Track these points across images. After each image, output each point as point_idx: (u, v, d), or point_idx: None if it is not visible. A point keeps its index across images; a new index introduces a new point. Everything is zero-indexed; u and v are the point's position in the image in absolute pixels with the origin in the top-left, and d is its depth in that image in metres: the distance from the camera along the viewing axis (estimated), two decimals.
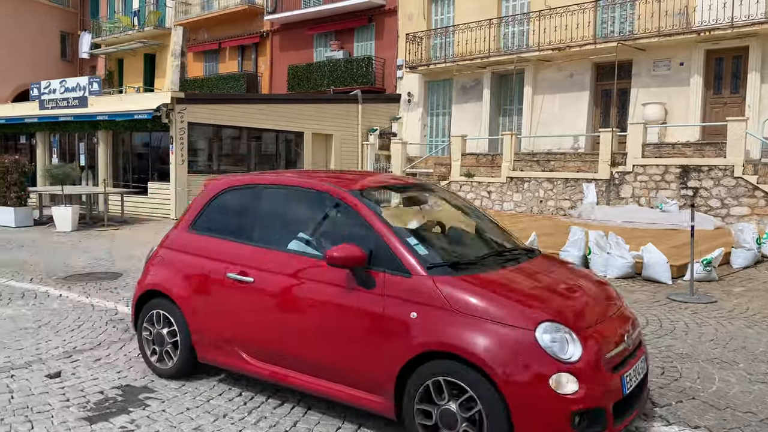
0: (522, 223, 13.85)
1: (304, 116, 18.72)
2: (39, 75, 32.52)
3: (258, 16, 25.90)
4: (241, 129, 17.40)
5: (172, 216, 15.87)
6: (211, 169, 16.75)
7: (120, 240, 11.95)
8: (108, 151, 17.44)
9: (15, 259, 9.60)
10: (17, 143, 20.67)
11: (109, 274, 8.47)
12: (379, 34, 22.12)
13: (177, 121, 15.56)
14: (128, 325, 5.95)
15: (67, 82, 17.84)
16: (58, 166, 12.96)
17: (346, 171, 9.58)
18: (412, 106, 21.22)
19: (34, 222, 14.18)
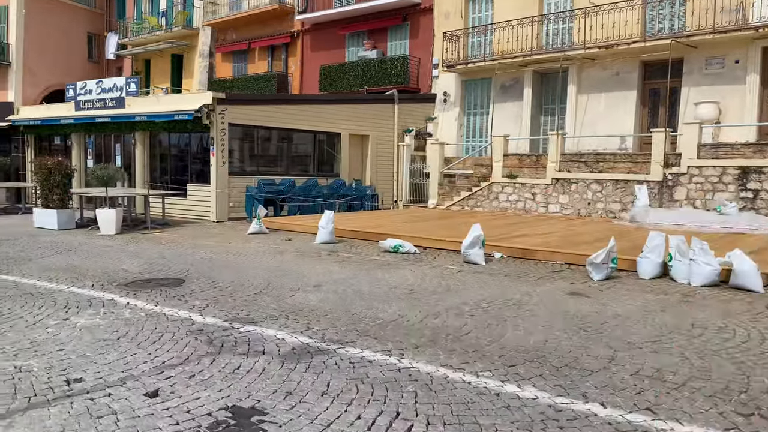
0: (575, 227, 13.42)
1: (340, 117, 18.42)
2: (66, 76, 32.57)
3: (288, 16, 25.66)
4: (279, 130, 17.12)
5: (212, 218, 15.62)
6: (249, 171, 16.48)
7: (168, 243, 11.69)
8: (145, 152, 17.24)
9: (69, 264, 9.36)
10: (51, 144, 20.57)
11: (171, 280, 8.18)
12: (414, 33, 21.76)
13: (218, 121, 15.31)
14: (210, 336, 5.65)
15: (103, 82, 17.68)
16: (103, 168, 12.74)
17: None
18: (448, 106, 20.84)
19: (75, 224, 13.99)
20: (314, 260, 9.83)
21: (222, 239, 12.36)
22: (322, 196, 16.37)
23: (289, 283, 8.01)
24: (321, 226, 11.60)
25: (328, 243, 11.65)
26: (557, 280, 8.38)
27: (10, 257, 10.05)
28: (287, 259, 9.88)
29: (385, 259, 10.03)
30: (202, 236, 12.82)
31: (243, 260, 9.75)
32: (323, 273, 8.70)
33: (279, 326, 6.01)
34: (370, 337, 5.66)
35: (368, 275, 8.57)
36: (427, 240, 11.24)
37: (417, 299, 7.15)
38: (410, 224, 13.61)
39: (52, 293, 7.34)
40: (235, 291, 7.53)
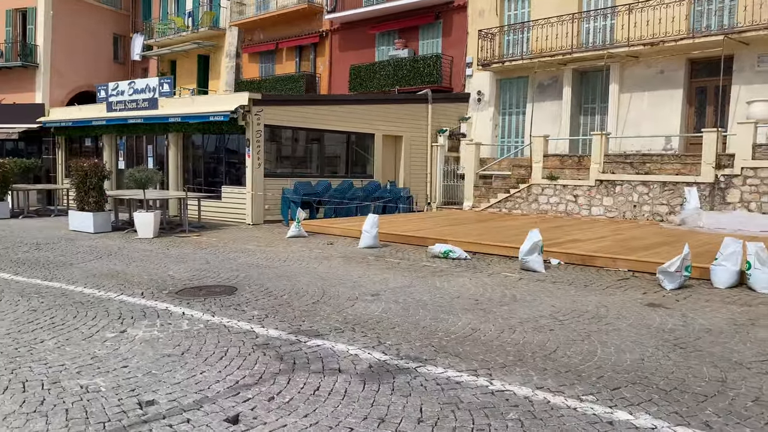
0: (624, 231, 12.91)
1: (374, 117, 18.06)
2: (93, 78, 32.61)
3: (316, 16, 25.37)
4: (313, 131, 16.80)
5: (247, 221, 15.34)
6: (284, 173, 16.18)
7: (209, 248, 11.40)
8: (178, 153, 17.02)
9: (112, 270, 9.09)
10: (82, 146, 20.46)
11: (223, 287, 7.86)
12: (447, 31, 21.34)
13: (254, 123, 15.02)
14: (278, 351, 5.30)
15: (136, 83, 17.49)
16: (141, 170, 12.49)
17: None
18: (482, 106, 20.39)
19: (111, 227, 13.78)
20: (363, 266, 9.47)
21: (262, 243, 12.05)
22: (358, 198, 16.02)
23: (345, 291, 7.66)
24: (365, 230, 11.24)
25: (373, 247, 11.29)
26: (627, 290, 7.92)
27: (50, 262, 9.82)
28: (335, 265, 9.53)
29: (437, 265, 9.64)
30: (241, 240, 12.52)
31: (290, 266, 9.42)
32: (378, 281, 8.33)
33: (348, 340, 5.65)
34: (449, 354, 5.28)
35: (425, 283, 8.19)
36: (475, 245, 10.83)
37: (485, 311, 6.74)
38: (452, 228, 13.21)
39: (102, 302, 7.05)
40: (291, 300, 7.19)
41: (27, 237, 12.77)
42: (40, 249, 11.20)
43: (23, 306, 6.85)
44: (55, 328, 5.98)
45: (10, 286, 7.93)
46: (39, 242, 12.01)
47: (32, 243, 11.90)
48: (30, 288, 7.80)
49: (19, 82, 30.33)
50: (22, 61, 29.57)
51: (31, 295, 7.38)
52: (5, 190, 16.58)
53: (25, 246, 11.53)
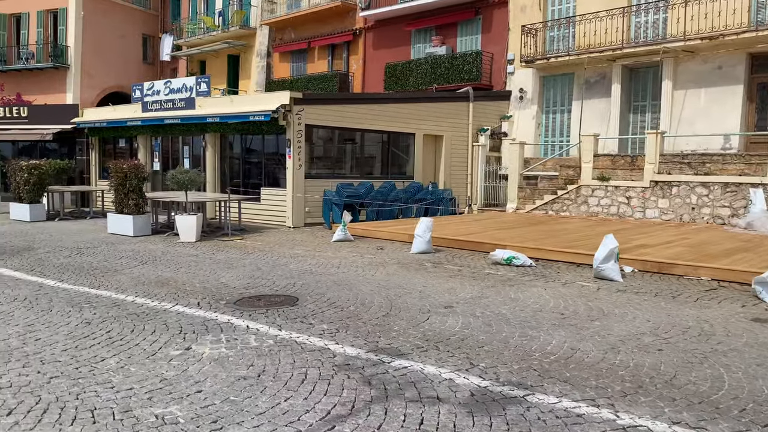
0: (689, 234, 12.19)
1: (414, 116, 17.49)
2: (122, 78, 32.54)
3: (349, 13, 24.89)
4: (353, 131, 16.29)
5: (287, 224, 14.88)
6: (324, 174, 15.69)
7: (255, 252, 10.93)
8: (216, 155, 16.63)
9: (161, 277, 8.65)
10: (116, 147, 20.20)
11: (283, 297, 7.35)
12: (487, 27, 20.71)
13: (294, 122, 14.55)
14: (363, 374, 4.77)
15: (172, 83, 17.14)
16: (184, 171, 12.08)
17: None
18: (525, 104, 19.72)
19: (150, 231, 13.40)
20: (423, 274, 8.91)
21: (309, 247, 11.56)
22: (400, 200, 15.48)
23: (414, 302, 7.11)
24: (418, 234, 10.68)
25: (426, 253, 10.73)
26: (722, 302, 7.26)
27: (95, 267, 9.42)
28: (393, 272, 8.99)
29: (502, 273, 9.05)
30: (286, 244, 12.04)
31: (346, 273, 8.90)
32: (445, 291, 7.76)
33: (435, 361, 5.10)
34: (556, 379, 4.70)
35: (498, 294, 7.60)
36: (537, 251, 10.21)
37: (576, 327, 6.15)
38: (505, 232, 12.59)
39: (158, 313, 6.59)
40: (359, 312, 6.66)
41: (66, 240, 12.44)
42: (82, 253, 10.83)
43: (75, 318, 6.41)
44: (114, 344, 5.52)
45: (57, 294, 7.53)
46: (80, 246, 11.66)
47: (73, 247, 11.55)
48: (79, 297, 7.39)
49: (50, 83, 30.33)
50: (53, 62, 29.54)
51: (82, 305, 6.95)
52: (41, 192, 16.33)
53: (66, 250, 11.17)
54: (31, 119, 21.62)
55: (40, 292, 7.65)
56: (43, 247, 11.50)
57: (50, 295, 7.52)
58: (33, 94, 29.68)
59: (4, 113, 21.99)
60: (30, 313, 6.60)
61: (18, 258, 10.30)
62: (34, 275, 8.83)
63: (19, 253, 10.78)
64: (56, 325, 6.13)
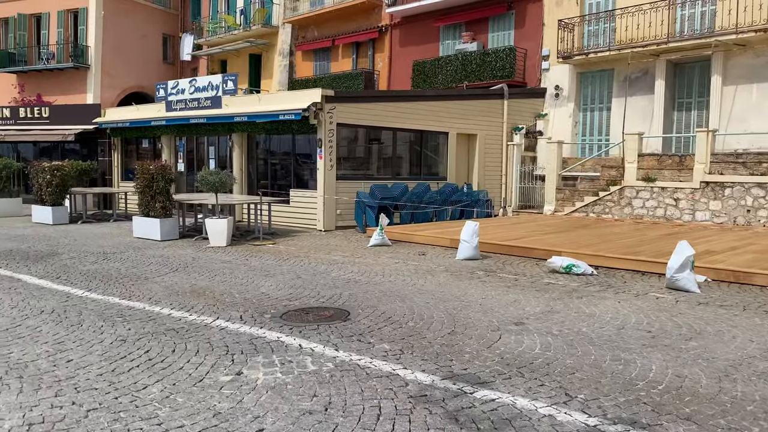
0: (755, 239, 11.37)
1: (448, 115, 16.80)
2: (143, 78, 32.19)
3: (375, 10, 24.24)
4: (385, 130, 15.62)
5: (318, 227, 14.26)
6: (356, 175, 15.05)
7: (291, 258, 10.30)
8: (242, 155, 16.05)
9: (195, 286, 8.04)
10: (139, 147, 19.73)
11: (333, 310, 6.70)
12: (520, 22, 19.96)
13: (326, 121, 13.92)
14: (445, 407, 4.10)
15: (197, 81, 16.60)
16: (214, 173, 11.49)
17: None
18: (561, 101, 18.94)
19: (178, 234, 12.84)
20: (477, 283, 8.22)
21: (347, 253, 10.91)
22: (435, 202, 14.79)
23: (478, 317, 6.43)
24: (464, 239, 9.99)
25: (473, 259, 10.04)
26: None
27: (123, 275, 8.85)
28: (444, 281, 8.31)
29: (563, 282, 8.33)
30: (321, 249, 11.41)
31: (394, 282, 8.23)
32: (508, 304, 7.07)
33: (525, 391, 4.41)
34: (675, 416, 3.99)
35: (568, 308, 6.89)
36: (594, 257, 9.47)
37: (671, 348, 5.43)
38: (553, 236, 11.86)
39: (198, 329, 5.97)
40: (420, 329, 6.00)
41: (91, 245, 11.91)
42: (109, 259, 10.28)
43: (109, 334, 5.82)
44: (155, 367, 4.90)
45: (87, 306, 6.95)
46: (105, 251, 11.12)
47: (98, 252, 11.01)
48: (110, 309, 6.80)
49: (70, 83, 30.02)
50: (74, 63, 29.21)
51: (114, 319, 6.36)
52: (64, 194, 15.85)
53: (91, 256, 10.63)
54: (52, 120, 21.23)
55: (68, 303, 7.08)
56: (68, 252, 10.98)
57: (79, 306, 6.94)
58: (53, 95, 29.38)
59: (25, 114, 21.64)
60: (59, 329, 6.02)
61: (42, 264, 9.78)
62: (60, 284, 8.28)
63: (43, 259, 10.26)
64: (89, 343, 5.54)
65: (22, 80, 30.93)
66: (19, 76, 31.00)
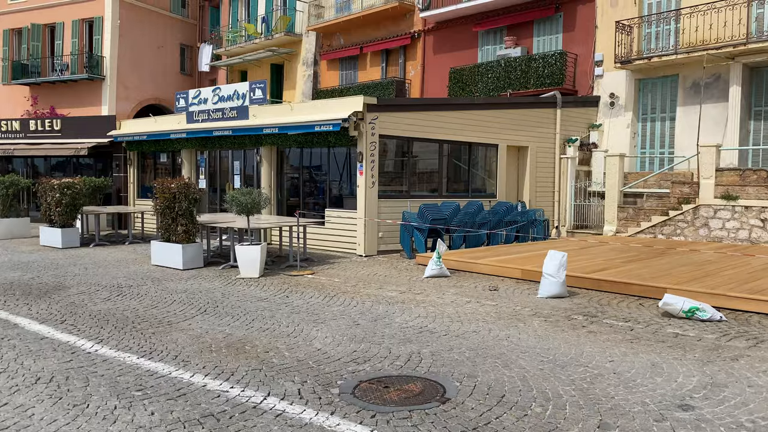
0: None
1: (497, 125, 15.17)
2: (159, 90, 30.93)
3: (406, 15, 22.76)
4: (430, 142, 14.00)
5: (358, 252, 12.63)
6: (399, 193, 13.44)
7: (338, 294, 8.67)
8: (271, 171, 14.50)
9: (231, 337, 6.42)
10: (156, 162, 18.28)
11: (421, 383, 5.02)
12: (569, 25, 18.34)
13: (367, 133, 12.35)
14: None
15: (222, 89, 15.12)
16: (246, 192, 9.92)
17: None
18: (616, 111, 17.25)
19: (203, 262, 11.26)
20: (585, 334, 6.53)
21: (401, 287, 9.26)
22: (489, 223, 13.13)
23: (624, 396, 4.73)
24: (548, 273, 8.31)
25: (560, 297, 8.35)
26: None
27: (142, 318, 7.27)
28: (543, 333, 6.62)
29: (695, 333, 6.60)
30: (370, 281, 9.76)
31: (479, 333, 6.56)
32: (647, 370, 5.36)
33: None
34: None
35: (732, 377, 5.18)
36: (710, 296, 7.75)
37: None
38: (638, 265, 10.13)
39: (246, 415, 4.33)
40: (552, 418, 4.31)
41: (104, 275, 10.36)
42: (124, 295, 8.71)
43: (125, 423, 4.19)
44: None
45: (96, 369, 5.36)
46: (120, 284, 9.56)
47: (112, 285, 9.45)
48: (125, 374, 5.21)
49: (85, 95, 28.78)
50: (88, 74, 27.97)
51: (131, 394, 4.75)
52: (74, 214, 14.38)
53: (104, 290, 9.08)
54: (64, 132, 19.88)
55: (71, 365, 5.50)
56: (77, 286, 9.43)
57: (86, 370, 5.36)
58: (67, 107, 28.13)
59: (36, 126, 20.32)
60: (57, 411, 4.43)
61: (46, 302, 8.23)
62: (65, 331, 6.72)
63: (47, 295, 8.71)
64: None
65: (35, 92, 29.76)
66: (32, 88, 29.84)
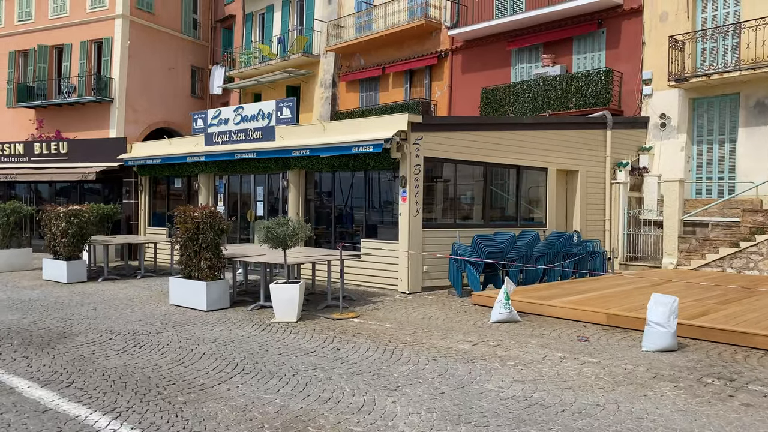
0: None
1: (545, 147, 13.86)
2: (170, 113, 29.84)
3: (432, 34, 21.67)
4: (475, 165, 12.65)
5: (401, 288, 11.21)
6: (444, 222, 12.05)
7: (399, 346, 7.23)
8: (299, 197, 13.15)
9: (284, 410, 4.98)
10: (170, 188, 16.96)
11: None
12: (613, 41, 17.16)
13: (411, 154, 11.03)
14: None
15: (244, 109, 13.87)
16: (283, 222, 8.54)
17: None
18: (668, 132, 15.95)
19: (230, 301, 9.84)
20: (745, 410, 5.07)
21: (470, 335, 7.81)
22: (546, 256, 11.72)
23: None
24: (656, 322, 6.88)
25: (670, 351, 6.90)
26: None
27: (166, 378, 5.87)
28: (687, 407, 5.16)
29: None
30: (429, 327, 8.31)
31: (607, 410, 5.10)
32: None
33: None
34: None
35: None
36: None
37: None
38: (737, 307, 8.70)
39: None
40: None
41: (116, 318, 8.94)
42: (141, 345, 7.30)
43: None
44: None
45: None
46: (136, 330, 8.14)
47: (127, 332, 8.03)
48: None
49: (92, 118, 27.68)
50: (96, 96, 26.90)
51: None
52: (81, 246, 13.01)
53: (117, 338, 7.67)
54: (71, 156, 18.62)
55: None
56: (85, 332, 8.02)
57: None
58: (73, 131, 26.98)
59: (41, 149, 19.06)
60: None
61: (50, 354, 6.83)
62: (73, 399, 5.34)
63: (51, 345, 7.30)
64: None
65: (41, 115, 28.67)
66: (38, 111, 28.76)
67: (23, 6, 29.71)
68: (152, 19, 28.95)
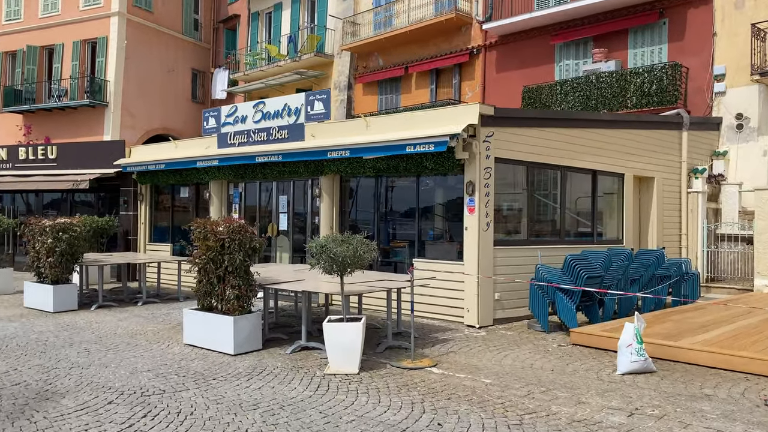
0: None
1: (622, 150, 11.78)
2: (168, 119, 27.72)
3: (461, 29, 19.70)
4: (551, 168, 10.53)
5: (469, 321, 9.05)
6: (518, 240, 9.92)
7: (525, 417, 5.08)
8: (333, 207, 10.99)
9: None
10: (175, 198, 14.77)
11: None
12: (676, 33, 15.20)
13: (481, 155, 8.94)
14: None
15: (266, 104, 11.76)
16: (343, 240, 6.40)
17: None
18: (746, 134, 13.97)
19: (262, 341, 7.65)
20: None
21: (608, 398, 5.67)
22: (641, 280, 9.62)
23: None
24: None
25: None
26: None
27: None
28: None
29: None
30: (539, 381, 6.16)
31: None
32: None
33: None
34: None
35: None
36: None
37: None
38: None
39: None
40: None
41: (117, 366, 6.74)
42: (154, 414, 5.14)
43: None
44: None
45: None
46: (144, 386, 5.96)
47: (132, 389, 5.85)
48: None
49: (85, 124, 25.46)
50: (90, 100, 24.72)
51: None
52: (71, 267, 10.79)
53: (120, 400, 5.50)
54: (60, 162, 16.41)
55: None
56: (75, 390, 5.84)
57: None
58: (64, 138, 24.71)
59: (26, 155, 16.86)
60: None
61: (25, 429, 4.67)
62: None
63: (25, 413, 5.13)
64: None
65: (29, 120, 26.41)
66: (26, 116, 26.50)
67: (11, 5, 27.57)
68: (151, 18, 26.87)
